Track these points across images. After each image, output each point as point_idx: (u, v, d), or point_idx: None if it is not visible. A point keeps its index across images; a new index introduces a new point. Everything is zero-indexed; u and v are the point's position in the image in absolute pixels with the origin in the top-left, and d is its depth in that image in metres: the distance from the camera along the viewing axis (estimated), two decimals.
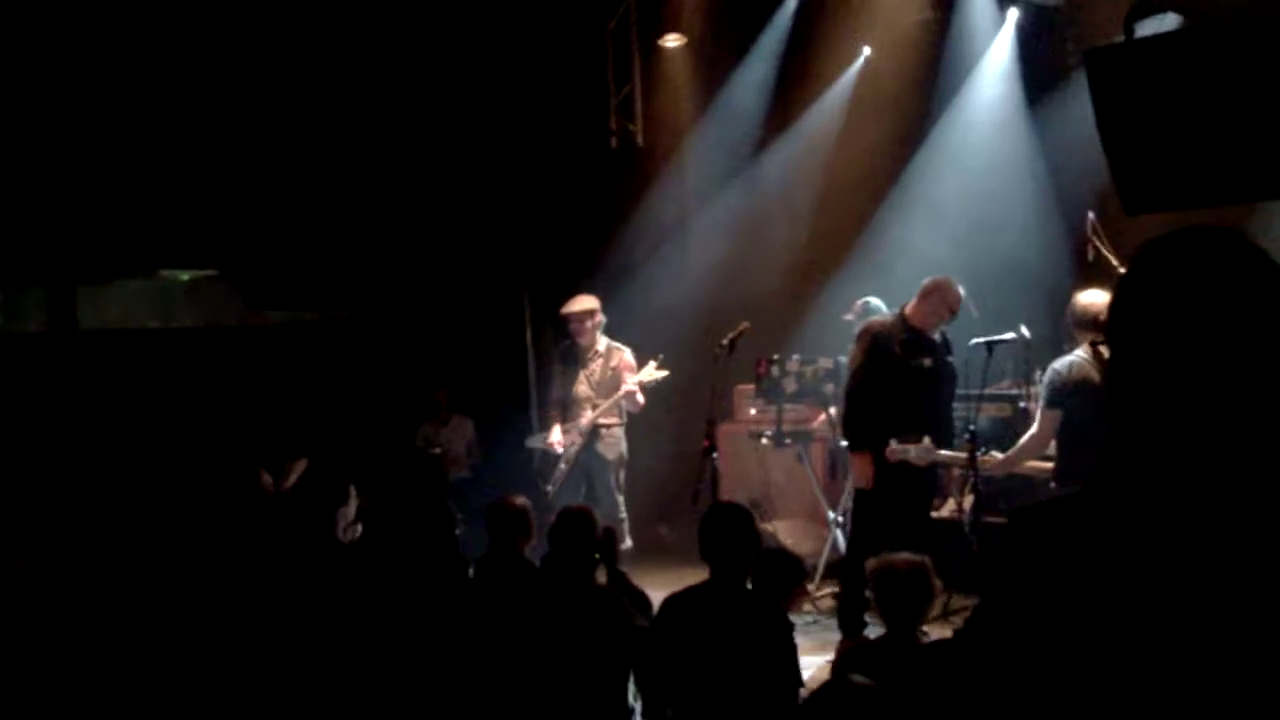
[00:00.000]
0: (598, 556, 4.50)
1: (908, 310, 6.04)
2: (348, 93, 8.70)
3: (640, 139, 9.68)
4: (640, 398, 7.40)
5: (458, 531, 5.05)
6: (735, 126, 9.27)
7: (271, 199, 8.74)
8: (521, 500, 4.75)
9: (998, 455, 5.76)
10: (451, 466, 8.74)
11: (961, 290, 6.00)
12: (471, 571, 4.62)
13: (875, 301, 7.22)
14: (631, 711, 4.13)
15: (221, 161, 8.49)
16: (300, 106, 8.58)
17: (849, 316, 7.29)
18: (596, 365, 7.49)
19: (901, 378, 5.89)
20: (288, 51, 8.46)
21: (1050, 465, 5.63)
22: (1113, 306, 1.45)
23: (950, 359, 6.12)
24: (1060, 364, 5.24)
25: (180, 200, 8.43)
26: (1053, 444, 5.51)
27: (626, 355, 7.50)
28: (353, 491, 4.59)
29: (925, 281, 6.03)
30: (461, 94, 8.98)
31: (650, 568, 7.91)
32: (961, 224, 7.95)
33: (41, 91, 7.95)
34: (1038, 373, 6.34)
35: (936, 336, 6.07)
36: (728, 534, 4.01)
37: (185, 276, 9.45)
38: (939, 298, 5.96)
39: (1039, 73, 8.13)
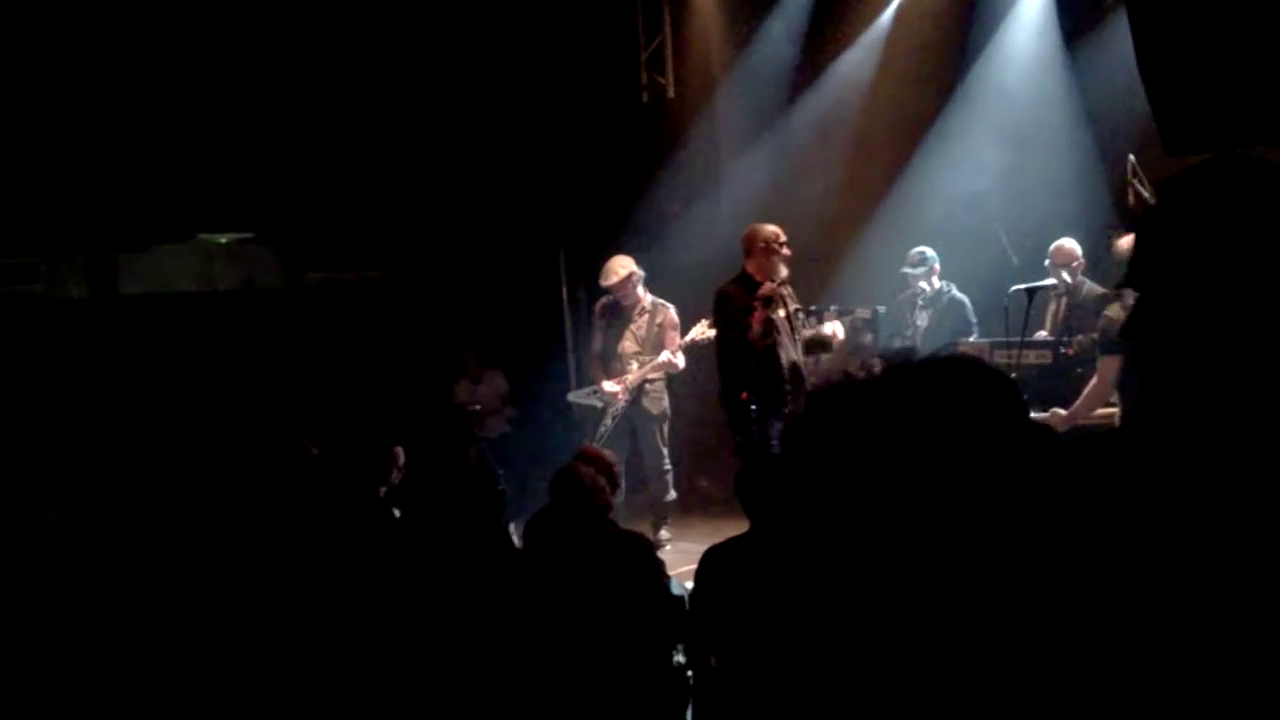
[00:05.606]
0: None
1: (748, 268, 6.30)
2: (381, 52, 8.69)
3: (671, 92, 9.60)
4: (681, 361, 7.50)
5: (500, 488, 5.06)
6: (767, 77, 9.14)
7: (307, 161, 8.77)
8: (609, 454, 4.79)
9: (1061, 412, 5.59)
10: (489, 422, 8.79)
11: (768, 228, 6.27)
12: (515, 527, 4.64)
13: (930, 253, 7.26)
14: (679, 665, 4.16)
15: (257, 124, 8.52)
16: (335, 67, 8.58)
17: (907, 269, 7.37)
18: (643, 321, 7.60)
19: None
20: (323, 13, 8.45)
21: (1114, 410, 5.51)
22: (1136, 247, 1.38)
23: (814, 307, 6.41)
24: (1113, 310, 5.19)
25: (217, 164, 8.48)
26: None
27: (671, 313, 7.60)
28: (398, 454, 4.60)
29: (742, 238, 6.33)
30: (492, 51, 8.93)
31: (691, 520, 7.98)
32: (998, 169, 7.84)
33: (80, 57, 7.99)
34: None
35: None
36: (766, 486, 4.03)
37: (223, 240, 9.53)
38: (759, 248, 6.24)
39: (1077, 10, 7.95)
